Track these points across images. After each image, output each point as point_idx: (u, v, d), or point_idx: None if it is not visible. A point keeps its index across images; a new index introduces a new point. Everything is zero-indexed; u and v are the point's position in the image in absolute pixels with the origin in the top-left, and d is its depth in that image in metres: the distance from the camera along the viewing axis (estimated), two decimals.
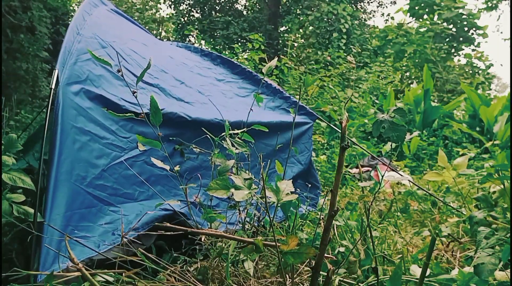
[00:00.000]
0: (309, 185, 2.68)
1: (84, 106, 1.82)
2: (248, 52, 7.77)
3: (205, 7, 15.23)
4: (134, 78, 1.75)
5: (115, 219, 1.76)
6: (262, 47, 7.51)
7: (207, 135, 1.96)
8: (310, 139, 2.88)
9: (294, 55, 8.99)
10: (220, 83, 2.76)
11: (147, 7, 15.17)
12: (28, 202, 1.74)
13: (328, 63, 9.72)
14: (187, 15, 15.16)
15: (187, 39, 15.11)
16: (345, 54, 9.89)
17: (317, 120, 3.06)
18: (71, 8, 10.17)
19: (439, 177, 2.65)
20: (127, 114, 1.49)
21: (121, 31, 2.46)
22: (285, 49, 9.37)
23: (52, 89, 1.74)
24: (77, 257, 1.54)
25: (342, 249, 1.65)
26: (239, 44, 13.18)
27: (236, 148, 1.79)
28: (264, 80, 2.78)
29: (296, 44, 11.44)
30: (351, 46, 11.91)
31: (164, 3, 15.43)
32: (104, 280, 1.36)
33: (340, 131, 1.23)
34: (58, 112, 1.71)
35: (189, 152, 2.20)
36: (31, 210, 1.66)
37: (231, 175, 1.39)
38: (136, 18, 14.37)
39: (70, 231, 1.60)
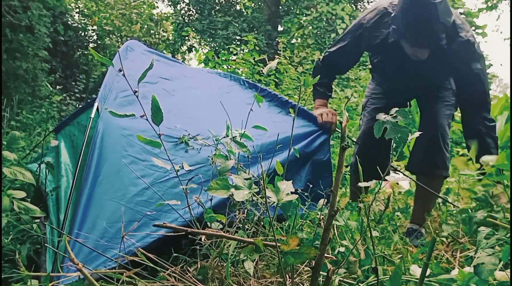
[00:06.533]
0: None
1: (125, 134, 1.97)
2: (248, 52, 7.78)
3: (205, 7, 15.21)
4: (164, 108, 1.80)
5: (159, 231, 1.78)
6: (257, 48, 7.49)
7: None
8: (328, 145, 2.93)
9: (287, 57, 8.96)
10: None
11: (144, 6, 15.08)
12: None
13: None
14: (186, 15, 15.15)
15: (187, 38, 15.10)
16: None
17: None
18: (69, 7, 10.16)
19: None
20: (128, 114, 1.50)
21: (153, 70, 2.65)
22: (284, 49, 9.37)
23: (91, 118, 1.96)
24: (101, 265, 1.56)
25: (342, 249, 1.65)
26: (238, 44, 13.16)
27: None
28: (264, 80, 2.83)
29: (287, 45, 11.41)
30: None
31: (162, 2, 15.40)
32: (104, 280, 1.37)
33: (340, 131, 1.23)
34: (96, 139, 1.86)
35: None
36: (33, 207, 1.69)
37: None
38: (134, 17, 14.33)
39: (103, 242, 1.63)
